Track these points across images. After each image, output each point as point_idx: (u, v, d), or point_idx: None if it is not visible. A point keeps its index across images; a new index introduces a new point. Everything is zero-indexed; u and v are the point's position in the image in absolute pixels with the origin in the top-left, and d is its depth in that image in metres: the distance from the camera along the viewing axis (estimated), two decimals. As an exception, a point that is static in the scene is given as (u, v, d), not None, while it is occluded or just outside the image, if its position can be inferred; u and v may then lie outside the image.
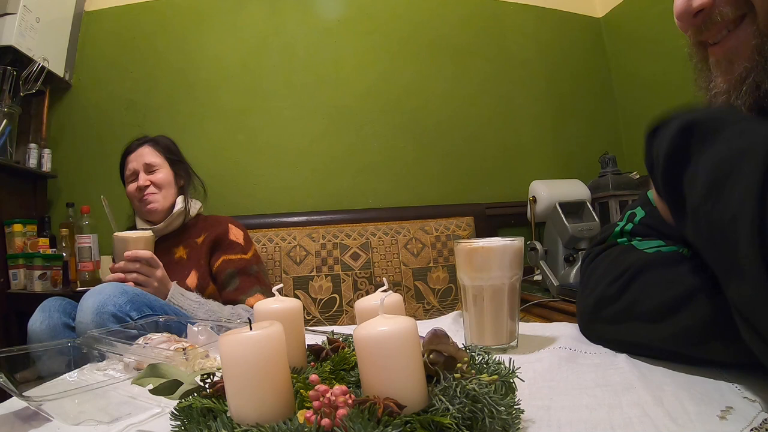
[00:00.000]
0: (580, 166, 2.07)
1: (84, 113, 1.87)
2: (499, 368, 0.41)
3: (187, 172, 1.46)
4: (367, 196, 1.97)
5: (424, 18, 2.07)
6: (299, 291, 1.67)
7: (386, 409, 0.31)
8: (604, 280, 0.57)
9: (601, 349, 0.59)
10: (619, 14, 2.13)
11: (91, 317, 0.93)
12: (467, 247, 0.63)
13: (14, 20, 1.56)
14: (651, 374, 0.48)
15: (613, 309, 0.55)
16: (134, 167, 1.38)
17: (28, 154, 1.70)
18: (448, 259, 1.78)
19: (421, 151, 2.02)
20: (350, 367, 0.43)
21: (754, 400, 0.40)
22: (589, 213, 1.68)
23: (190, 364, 0.56)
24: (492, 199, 2.03)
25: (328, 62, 1.99)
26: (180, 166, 1.44)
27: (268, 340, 0.35)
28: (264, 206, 1.88)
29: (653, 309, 0.50)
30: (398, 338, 0.34)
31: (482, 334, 0.63)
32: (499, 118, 2.10)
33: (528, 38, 2.16)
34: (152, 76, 1.90)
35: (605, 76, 2.21)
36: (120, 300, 0.96)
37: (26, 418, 0.46)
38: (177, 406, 0.37)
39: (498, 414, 0.34)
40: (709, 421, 0.38)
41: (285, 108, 1.95)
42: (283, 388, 0.36)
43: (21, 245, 1.59)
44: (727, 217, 0.33)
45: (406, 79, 2.03)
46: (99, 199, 1.32)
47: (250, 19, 1.96)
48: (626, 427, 0.38)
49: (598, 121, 2.16)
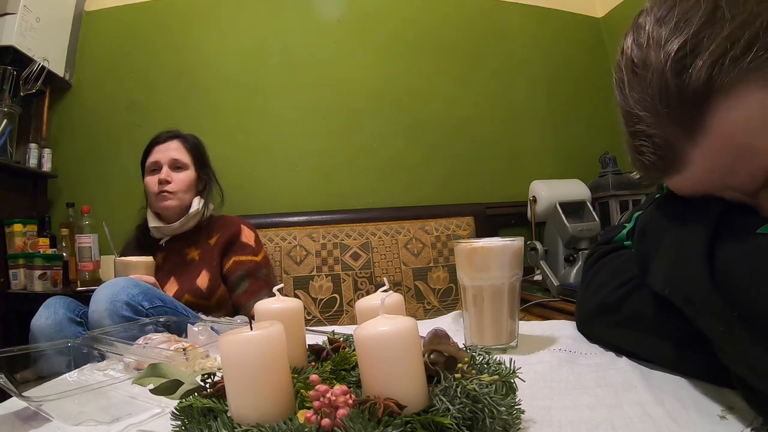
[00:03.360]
0: (580, 166, 2.07)
1: (84, 113, 1.87)
2: (499, 368, 0.41)
3: (209, 177, 1.44)
4: (367, 196, 1.97)
5: (423, 18, 2.07)
6: (300, 291, 1.67)
7: (386, 409, 0.31)
8: (607, 286, 0.57)
9: (601, 349, 0.59)
10: (619, 14, 2.13)
11: (105, 305, 0.96)
12: (467, 247, 0.63)
13: (14, 20, 1.56)
14: (652, 374, 0.48)
15: (614, 318, 0.55)
16: (159, 158, 1.35)
17: (28, 154, 1.70)
18: (448, 259, 1.78)
19: (421, 150, 2.02)
20: (351, 367, 0.43)
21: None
22: (590, 213, 1.68)
23: (190, 364, 0.56)
24: (492, 199, 2.03)
25: (328, 62, 1.99)
26: (204, 170, 1.42)
27: (268, 340, 0.35)
28: (264, 206, 1.88)
29: (654, 322, 0.50)
30: (399, 338, 0.34)
31: (482, 334, 0.63)
32: (499, 118, 2.10)
33: (528, 38, 2.16)
34: (152, 76, 1.90)
35: (605, 76, 2.20)
36: (133, 291, 1.01)
37: (26, 419, 0.46)
38: (177, 406, 0.37)
39: (498, 414, 0.34)
40: (709, 421, 0.38)
41: (285, 108, 1.95)
42: (284, 388, 0.36)
43: (21, 245, 1.59)
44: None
45: (406, 79, 2.03)
46: (99, 199, 1.33)
47: (250, 19, 1.96)
48: (627, 426, 0.38)
49: (599, 121, 2.16)
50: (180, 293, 1.27)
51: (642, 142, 0.42)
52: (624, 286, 0.54)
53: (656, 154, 0.42)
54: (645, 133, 0.42)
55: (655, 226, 0.48)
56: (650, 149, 0.42)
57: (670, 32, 0.39)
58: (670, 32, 0.39)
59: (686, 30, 0.38)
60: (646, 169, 0.44)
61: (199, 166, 1.40)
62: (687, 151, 0.40)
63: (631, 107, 0.42)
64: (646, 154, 0.43)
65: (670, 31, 0.39)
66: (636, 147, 0.43)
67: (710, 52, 0.36)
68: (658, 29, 0.40)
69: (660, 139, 0.41)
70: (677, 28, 0.38)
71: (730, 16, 0.36)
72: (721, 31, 0.36)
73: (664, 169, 0.43)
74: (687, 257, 0.40)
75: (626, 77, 0.42)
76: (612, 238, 0.64)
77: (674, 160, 0.41)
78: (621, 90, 0.44)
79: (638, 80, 0.41)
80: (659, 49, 0.39)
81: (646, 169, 0.44)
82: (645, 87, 0.40)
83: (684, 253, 0.41)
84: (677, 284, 0.41)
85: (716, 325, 0.37)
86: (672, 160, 0.41)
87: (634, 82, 0.42)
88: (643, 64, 0.40)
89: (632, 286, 0.53)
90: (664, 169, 0.43)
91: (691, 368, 0.46)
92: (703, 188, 0.42)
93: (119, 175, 1.81)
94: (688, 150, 0.40)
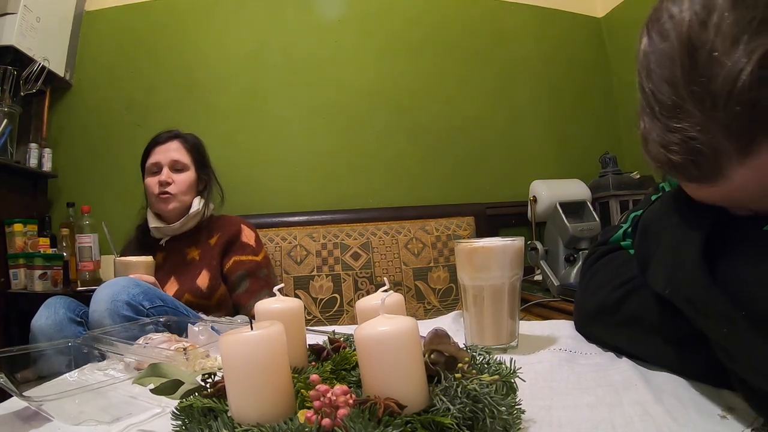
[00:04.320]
0: (580, 166, 2.07)
1: (84, 113, 1.87)
2: (499, 368, 0.41)
3: (210, 177, 1.44)
4: (368, 196, 1.97)
5: (423, 18, 2.06)
6: (300, 291, 1.67)
7: (387, 409, 0.31)
8: (605, 287, 0.57)
9: (601, 349, 0.59)
10: (619, 14, 2.12)
11: (106, 305, 0.96)
12: (468, 247, 0.63)
13: (15, 20, 1.56)
14: (652, 374, 0.48)
15: (613, 318, 0.55)
16: (159, 159, 1.34)
17: (28, 153, 1.70)
18: (448, 258, 1.77)
19: (421, 150, 2.02)
20: (351, 367, 0.43)
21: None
22: (590, 213, 1.68)
23: (190, 364, 0.56)
24: (492, 199, 2.03)
25: (328, 63, 1.98)
26: (204, 171, 1.42)
27: (268, 340, 0.35)
28: (264, 206, 1.88)
29: (653, 323, 0.50)
30: (399, 338, 0.34)
31: (482, 333, 0.63)
32: (499, 118, 2.10)
33: (528, 38, 2.15)
34: (152, 75, 1.90)
35: (605, 76, 2.21)
36: (134, 291, 1.00)
37: (26, 418, 0.46)
38: (178, 406, 0.37)
39: (499, 414, 0.34)
40: (710, 420, 0.38)
41: (285, 108, 1.95)
42: (284, 387, 0.36)
43: (21, 245, 1.59)
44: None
45: (407, 79, 2.03)
46: (99, 199, 1.32)
47: (251, 19, 1.96)
48: (627, 426, 0.38)
49: (599, 121, 2.16)
50: (180, 293, 1.27)
51: (679, 139, 0.37)
52: (623, 286, 0.54)
53: (693, 160, 0.37)
54: (687, 132, 0.36)
55: (656, 226, 0.48)
56: (687, 150, 0.37)
57: (753, 30, 0.32)
58: (753, 30, 0.32)
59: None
60: (672, 168, 0.39)
61: (199, 167, 1.40)
62: (731, 167, 0.35)
63: (681, 97, 0.36)
64: (678, 153, 0.37)
65: (753, 28, 0.32)
66: (667, 142, 0.38)
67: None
68: (734, 15, 0.33)
69: (705, 146, 0.35)
70: (761, 27, 0.32)
71: None
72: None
73: (695, 177, 0.38)
74: (688, 257, 0.40)
75: (680, 58, 0.35)
76: (608, 239, 0.64)
77: (711, 172, 0.37)
78: (667, 69, 0.36)
79: (699, 71, 0.34)
80: (734, 46, 0.32)
81: (673, 168, 0.38)
82: (706, 84, 0.34)
83: (685, 254, 0.40)
84: (678, 284, 0.41)
85: (718, 326, 0.37)
86: (708, 171, 0.37)
87: (691, 70, 0.35)
88: (708, 54, 0.33)
89: (631, 287, 0.53)
90: (696, 176, 0.38)
91: (691, 369, 0.46)
92: (721, 201, 0.40)
93: (119, 175, 1.81)
94: (732, 167, 0.35)
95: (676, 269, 0.41)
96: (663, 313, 0.48)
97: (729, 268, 0.37)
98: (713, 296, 0.36)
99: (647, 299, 0.50)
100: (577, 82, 2.18)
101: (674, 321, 0.45)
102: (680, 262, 0.41)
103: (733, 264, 0.37)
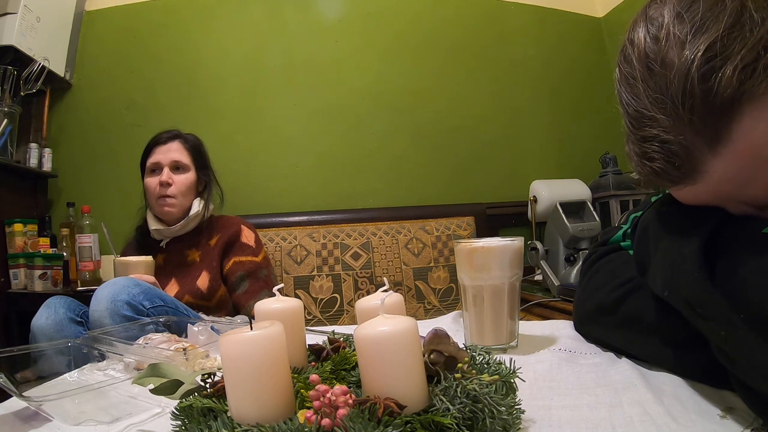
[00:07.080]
0: (580, 166, 2.07)
1: (84, 113, 1.87)
2: (499, 368, 0.41)
3: (210, 178, 1.43)
4: (368, 196, 1.97)
5: (424, 17, 2.06)
6: (300, 291, 1.67)
7: (387, 409, 0.31)
8: (604, 288, 0.57)
9: (601, 349, 0.59)
10: (619, 14, 2.12)
11: (106, 305, 0.96)
12: (467, 247, 0.63)
13: (15, 20, 1.56)
14: (652, 374, 0.48)
15: (612, 319, 0.55)
16: (159, 160, 1.34)
17: (28, 153, 1.70)
18: (448, 258, 1.78)
19: (421, 151, 2.02)
20: (351, 367, 0.43)
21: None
22: (590, 213, 1.68)
23: (190, 364, 0.56)
24: (493, 199, 2.03)
25: (328, 63, 1.99)
26: (204, 171, 1.41)
27: (268, 340, 0.35)
28: (264, 206, 1.88)
29: (652, 323, 0.50)
30: (399, 338, 0.34)
31: (482, 334, 0.63)
32: (499, 119, 2.10)
33: (528, 38, 2.15)
34: (152, 75, 1.90)
35: (606, 76, 2.20)
36: (134, 291, 1.01)
37: (26, 418, 0.46)
38: (177, 406, 0.37)
39: (499, 414, 0.34)
40: (709, 420, 0.38)
41: (285, 108, 1.95)
42: (284, 388, 0.36)
43: (21, 245, 1.59)
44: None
45: (407, 80, 2.03)
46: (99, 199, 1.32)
47: (251, 19, 1.96)
48: (627, 425, 0.38)
49: (599, 121, 2.16)
50: (180, 294, 1.27)
51: (654, 147, 0.39)
52: (622, 287, 0.54)
53: (670, 162, 0.38)
54: (659, 138, 0.38)
55: (655, 227, 0.48)
56: (663, 156, 0.38)
57: (695, 30, 0.35)
58: (695, 30, 0.35)
59: (713, 30, 0.35)
60: (656, 176, 0.40)
61: (199, 167, 1.40)
62: (706, 161, 0.37)
63: (645, 108, 0.38)
64: (657, 161, 0.39)
65: (695, 29, 0.35)
66: (645, 152, 0.40)
67: (741, 56, 0.33)
68: (679, 25, 0.36)
69: (677, 146, 0.37)
70: (703, 27, 0.35)
71: (759, 19, 0.34)
72: (751, 35, 0.34)
73: (677, 179, 0.39)
74: (687, 260, 0.40)
75: (639, 73, 0.39)
76: (608, 240, 0.64)
77: (690, 170, 0.38)
78: (631, 87, 0.40)
79: (655, 79, 0.37)
80: (682, 48, 0.36)
81: (656, 176, 0.40)
82: (664, 88, 0.37)
83: (684, 256, 0.40)
84: (677, 287, 0.41)
85: (718, 328, 0.37)
86: (687, 169, 0.38)
87: (650, 80, 0.38)
88: (661, 62, 0.37)
89: (630, 288, 0.53)
90: (677, 178, 0.39)
91: (690, 370, 0.46)
92: (713, 200, 0.40)
93: (119, 175, 1.81)
94: (707, 160, 0.37)
95: (675, 272, 0.41)
96: (662, 314, 0.48)
97: (728, 270, 0.37)
98: (712, 299, 0.36)
99: (646, 300, 0.50)
100: (578, 82, 2.18)
101: (673, 322, 0.45)
102: (679, 265, 0.41)
103: (732, 267, 0.37)
